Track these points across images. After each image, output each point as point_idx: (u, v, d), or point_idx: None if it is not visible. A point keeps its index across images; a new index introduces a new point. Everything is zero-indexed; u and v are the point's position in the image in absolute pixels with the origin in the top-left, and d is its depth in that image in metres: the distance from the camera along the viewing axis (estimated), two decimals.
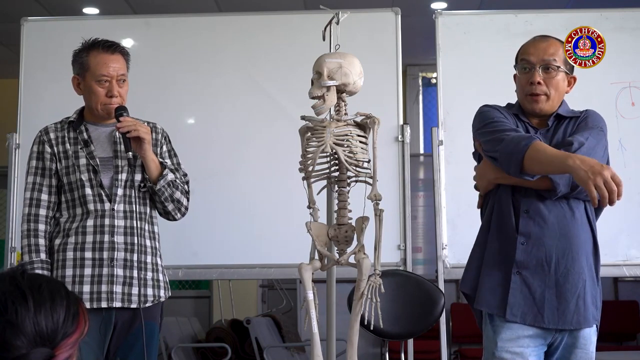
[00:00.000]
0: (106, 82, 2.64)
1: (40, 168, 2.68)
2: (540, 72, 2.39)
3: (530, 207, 2.34)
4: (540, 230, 2.32)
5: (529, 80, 2.40)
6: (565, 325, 2.31)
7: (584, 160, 2.14)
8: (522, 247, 2.32)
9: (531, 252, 2.32)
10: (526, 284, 2.31)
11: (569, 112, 2.44)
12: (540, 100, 2.40)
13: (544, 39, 2.46)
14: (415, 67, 7.68)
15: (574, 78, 2.46)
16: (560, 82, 2.41)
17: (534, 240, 2.32)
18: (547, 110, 2.41)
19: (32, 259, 2.59)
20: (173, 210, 2.72)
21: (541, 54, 2.41)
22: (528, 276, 2.31)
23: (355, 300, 2.36)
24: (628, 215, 3.75)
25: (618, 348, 6.82)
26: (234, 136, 3.92)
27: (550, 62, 2.39)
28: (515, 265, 2.32)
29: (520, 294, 2.31)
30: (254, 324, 5.31)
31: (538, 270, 2.31)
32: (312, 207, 2.46)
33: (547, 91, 2.39)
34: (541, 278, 2.31)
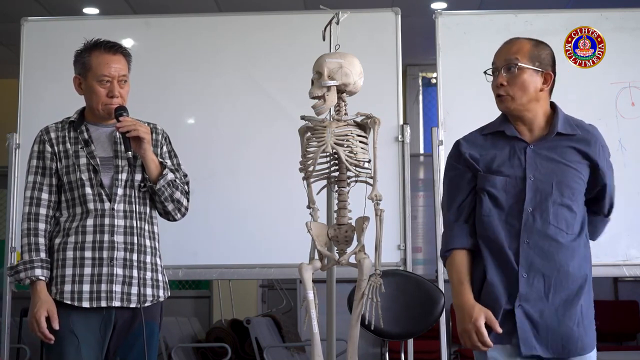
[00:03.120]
0: (107, 82, 2.64)
1: (40, 167, 2.69)
2: (504, 73, 2.34)
3: (531, 238, 2.30)
4: (541, 262, 2.29)
5: (494, 84, 2.38)
6: (570, 354, 2.29)
7: (461, 309, 2.31)
8: (524, 279, 2.29)
9: (533, 284, 2.29)
10: (528, 316, 2.28)
11: (567, 128, 2.36)
12: (504, 100, 2.35)
13: (509, 41, 2.41)
14: (415, 67, 7.68)
15: (550, 74, 2.36)
16: (528, 80, 2.32)
17: (534, 273, 2.29)
18: (520, 110, 2.34)
19: (31, 257, 2.59)
20: (173, 210, 2.72)
21: (504, 55, 2.37)
22: (529, 308, 2.28)
23: (355, 300, 2.36)
24: (628, 215, 3.75)
25: (618, 348, 6.82)
26: (234, 136, 3.92)
27: (511, 61, 2.33)
28: (518, 298, 2.28)
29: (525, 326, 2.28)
30: (254, 324, 5.31)
31: (538, 301, 2.29)
32: (312, 207, 2.46)
33: (510, 91, 2.33)
34: (542, 309, 2.28)
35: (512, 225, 2.31)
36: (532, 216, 2.30)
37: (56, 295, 2.58)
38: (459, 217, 2.40)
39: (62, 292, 2.57)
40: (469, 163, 2.39)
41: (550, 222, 2.30)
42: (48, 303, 2.55)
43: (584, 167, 2.35)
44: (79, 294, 2.57)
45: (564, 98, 2.58)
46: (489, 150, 2.38)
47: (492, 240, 2.33)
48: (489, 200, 2.34)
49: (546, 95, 2.39)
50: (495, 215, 2.33)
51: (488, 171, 2.36)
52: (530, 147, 2.35)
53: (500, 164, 2.35)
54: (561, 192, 2.31)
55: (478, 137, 2.44)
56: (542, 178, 2.31)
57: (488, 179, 2.35)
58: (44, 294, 2.57)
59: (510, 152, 2.36)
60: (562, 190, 2.31)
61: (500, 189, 2.33)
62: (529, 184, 2.31)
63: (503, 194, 2.33)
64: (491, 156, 2.37)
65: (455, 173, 2.43)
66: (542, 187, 2.31)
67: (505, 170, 2.34)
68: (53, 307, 2.55)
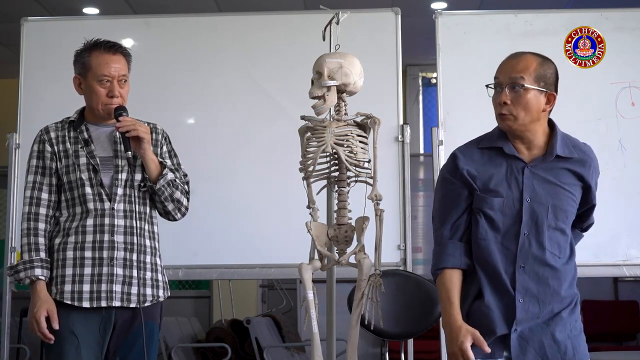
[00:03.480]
0: (107, 82, 2.64)
1: (40, 167, 2.68)
2: (507, 91, 2.27)
3: (526, 262, 2.28)
4: (536, 287, 2.28)
5: (497, 101, 2.31)
6: None
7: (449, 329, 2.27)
8: (520, 304, 2.27)
9: (528, 309, 2.28)
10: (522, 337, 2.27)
11: (565, 150, 2.32)
12: (506, 119, 2.29)
13: (515, 56, 2.33)
14: (415, 67, 7.68)
15: (553, 95, 2.30)
16: (532, 100, 2.25)
17: (530, 297, 2.28)
18: (521, 130, 2.30)
19: (31, 257, 2.59)
20: (173, 210, 2.72)
21: (509, 71, 2.29)
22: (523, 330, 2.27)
23: (355, 300, 2.37)
24: (628, 215, 3.75)
25: (618, 348, 6.83)
26: (234, 136, 3.92)
27: (516, 79, 2.26)
28: (515, 323, 2.27)
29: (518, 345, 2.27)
30: (254, 324, 5.31)
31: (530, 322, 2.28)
32: (312, 207, 2.46)
33: (514, 111, 2.27)
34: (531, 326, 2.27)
35: (509, 248, 2.29)
36: (527, 240, 2.28)
37: (56, 295, 2.58)
38: (453, 235, 2.36)
39: (62, 292, 2.57)
40: (465, 180, 2.33)
41: (546, 247, 2.28)
42: (48, 303, 2.55)
43: (577, 188, 2.33)
44: (79, 293, 2.57)
45: (564, 98, 2.58)
46: (487, 168, 2.33)
47: (488, 264, 2.30)
48: (485, 221, 2.31)
49: (546, 115, 2.34)
50: (491, 239, 2.30)
51: (485, 191, 2.31)
52: (527, 168, 2.31)
53: (498, 183, 2.31)
54: (556, 216, 2.29)
55: (475, 152, 2.37)
56: (538, 201, 2.29)
57: (485, 200, 2.30)
58: (44, 294, 2.57)
59: (507, 172, 2.32)
60: (557, 214, 2.29)
61: (497, 210, 2.30)
62: (525, 206, 2.28)
63: (500, 216, 2.30)
64: (488, 174, 2.32)
65: (451, 188, 2.37)
66: (538, 210, 2.28)
67: (502, 191, 2.30)
68: (53, 307, 2.55)
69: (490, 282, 2.30)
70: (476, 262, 2.33)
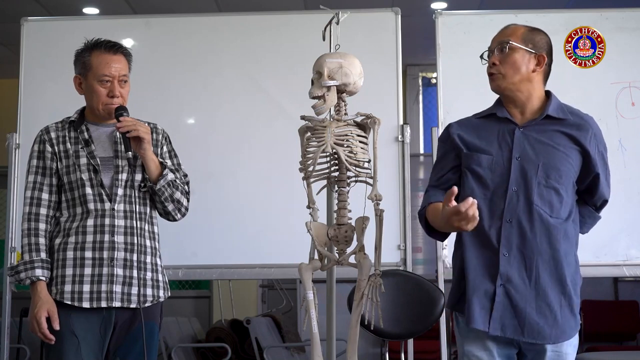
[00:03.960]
0: (108, 82, 2.64)
1: (40, 167, 2.68)
2: (496, 53, 2.38)
3: (513, 217, 2.31)
4: (522, 242, 2.30)
5: (488, 65, 2.42)
6: (544, 340, 2.29)
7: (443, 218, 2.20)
8: (504, 257, 2.30)
9: (513, 264, 2.29)
10: (509, 297, 2.29)
11: (558, 112, 2.38)
12: (495, 79, 2.38)
13: (505, 27, 2.45)
14: (415, 67, 7.68)
15: (543, 57, 2.37)
16: (519, 59, 2.35)
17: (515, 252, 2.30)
18: (511, 89, 2.37)
19: (32, 258, 2.59)
20: (173, 210, 2.72)
21: (498, 38, 2.42)
22: (511, 289, 2.29)
23: (355, 300, 2.37)
24: (628, 215, 3.75)
25: (618, 348, 6.83)
26: (233, 136, 3.92)
27: (503, 42, 2.37)
28: (499, 277, 2.29)
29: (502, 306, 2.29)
30: (254, 324, 5.32)
31: (520, 283, 2.29)
32: (312, 207, 2.46)
33: (502, 69, 2.36)
34: (522, 292, 2.28)
35: (497, 204, 2.32)
36: (516, 195, 2.31)
37: (56, 296, 2.58)
38: (438, 186, 2.44)
39: (62, 292, 2.57)
40: (454, 143, 2.43)
41: (534, 203, 2.30)
42: (49, 303, 2.55)
43: (573, 152, 2.34)
44: (79, 294, 2.57)
45: (564, 98, 2.58)
46: (479, 132, 2.42)
47: None
48: (473, 179, 2.36)
49: (540, 78, 2.40)
50: (478, 195, 2.33)
51: (474, 150, 2.38)
52: (519, 129, 2.37)
53: (488, 144, 2.38)
54: (547, 174, 2.31)
55: (471, 120, 2.49)
56: (528, 159, 2.32)
57: (473, 157, 2.37)
58: (45, 294, 2.57)
59: (499, 133, 2.38)
60: (548, 172, 2.31)
61: (485, 167, 2.35)
62: (514, 164, 2.33)
63: (489, 173, 2.35)
64: (480, 136, 2.40)
65: (441, 152, 2.49)
66: (527, 168, 2.32)
67: (492, 150, 2.36)
68: (53, 308, 2.55)
69: (474, 238, 2.33)
70: None
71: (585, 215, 2.45)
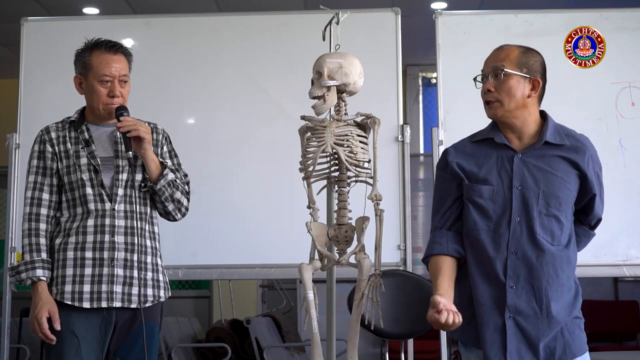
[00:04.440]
0: (108, 82, 2.64)
1: (41, 167, 2.68)
2: (491, 79, 2.33)
3: (519, 248, 2.28)
4: (529, 273, 2.28)
5: (482, 91, 2.37)
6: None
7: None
8: (512, 290, 2.27)
9: (521, 295, 2.27)
10: (520, 328, 2.27)
11: (556, 137, 2.34)
12: (492, 107, 2.34)
13: (497, 48, 2.40)
14: (415, 67, 7.68)
15: (538, 81, 2.33)
16: (514, 86, 2.30)
17: (523, 283, 2.27)
18: (508, 116, 2.33)
19: (32, 258, 2.59)
20: (173, 210, 2.72)
21: (491, 62, 2.36)
22: (521, 320, 2.27)
23: (355, 300, 2.37)
24: (628, 215, 3.75)
25: (618, 348, 6.83)
26: (233, 136, 3.92)
27: (497, 67, 2.32)
28: (507, 310, 2.27)
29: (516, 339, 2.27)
30: (254, 324, 5.32)
31: (530, 314, 2.27)
32: (312, 207, 2.46)
33: (499, 97, 2.32)
34: (534, 322, 2.26)
35: (501, 235, 2.29)
36: (519, 226, 2.29)
37: (57, 296, 2.58)
38: (443, 225, 2.39)
39: (63, 292, 2.57)
40: (454, 172, 2.38)
41: (537, 233, 2.28)
42: (50, 304, 2.55)
43: (572, 176, 2.32)
44: (79, 294, 2.57)
45: (564, 98, 2.59)
46: (477, 159, 2.37)
47: (480, 253, 2.31)
48: (475, 211, 2.32)
49: (535, 102, 2.36)
50: (482, 228, 2.31)
51: (474, 180, 2.34)
52: (518, 156, 2.33)
53: (488, 172, 2.33)
54: (547, 202, 2.29)
55: (467, 145, 2.43)
56: (528, 187, 2.29)
57: (474, 189, 2.33)
58: (45, 295, 2.57)
59: (497, 161, 2.34)
60: (549, 200, 2.29)
61: (487, 198, 2.31)
62: (515, 193, 2.29)
63: (490, 204, 2.31)
64: (478, 164, 2.35)
65: (442, 181, 2.43)
66: (528, 197, 2.29)
67: (491, 179, 2.32)
68: (55, 308, 2.55)
69: (480, 270, 2.31)
70: (468, 254, 2.34)
71: (581, 234, 2.43)
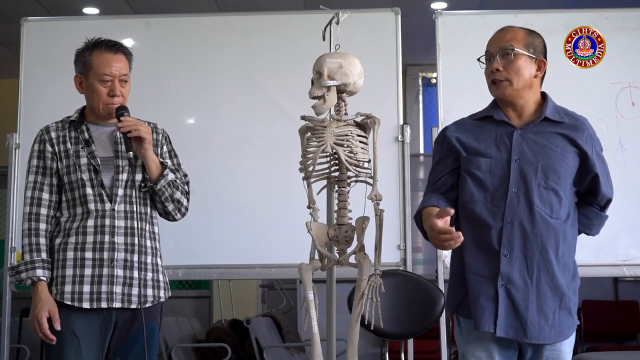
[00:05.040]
0: (108, 81, 2.64)
1: (41, 167, 2.68)
2: (499, 58, 2.37)
3: (515, 218, 2.31)
4: (524, 243, 2.30)
5: (489, 70, 2.41)
6: (545, 340, 2.30)
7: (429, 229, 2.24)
8: (505, 259, 2.30)
9: (514, 265, 2.30)
10: (510, 298, 2.30)
11: (555, 115, 2.39)
12: (502, 86, 2.38)
13: (502, 29, 2.45)
14: (415, 67, 7.68)
15: (543, 62, 2.40)
16: (523, 66, 2.36)
17: (517, 253, 2.30)
18: (514, 95, 2.38)
19: (32, 258, 2.59)
20: (173, 210, 2.72)
21: (498, 42, 2.40)
22: (513, 290, 2.29)
23: (355, 300, 2.36)
24: (628, 215, 3.75)
25: (618, 348, 6.83)
26: (234, 136, 3.92)
27: (506, 47, 2.36)
28: (500, 277, 2.30)
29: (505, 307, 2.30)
30: (254, 324, 5.31)
31: (522, 284, 2.29)
32: (312, 207, 2.46)
33: (508, 76, 2.36)
34: (524, 293, 2.29)
35: (498, 206, 2.33)
36: (516, 197, 2.32)
37: (57, 296, 2.57)
38: (435, 190, 2.45)
39: (63, 292, 2.57)
40: (452, 146, 2.44)
41: (535, 204, 2.31)
42: (50, 304, 2.55)
43: (570, 153, 2.36)
44: (79, 294, 2.57)
45: (564, 98, 2.59)
46: (477, 134, 2.42)
47: (474, 223, 2.35)
48: (472, 183, 2.37)
49: (538, 82, 2.43)
50: (479, 199, 2.35)
51: (473, 153, 2.39)
52: (517, 131, 2.38)
53: (486, 146, 2.39)
54: (546, 175, 2.32)
55: (467, 122, 2.50)
56: (527, 161, 2.34)
57: (472, 161, 2.38)
58: (45, 294, 2.56)
59: (497, 136, 2.39)
60: (547, 174, 2.32)
61: (485, 170, 2.36)
62: (513, 166, 2.34)
63: (488, 176, 2.35)
64: (478, 139, 2.41)
65: (438, 155, 2.49)
66: (526, 170, 2.33)
67: (490, 153, 2.37)
68: (55, 308, 2.55)
69: (476, 241, 2.34)
70: (463, 227, 2.36)
71: (592, 217, 2.46)
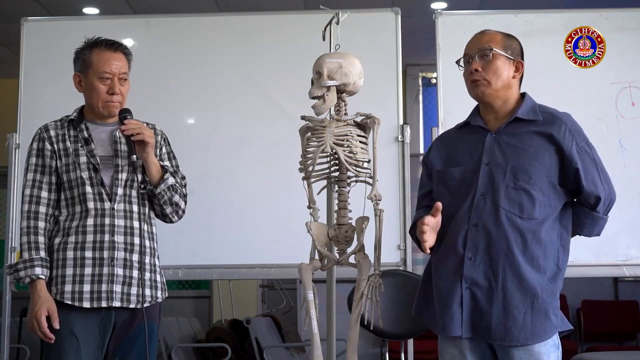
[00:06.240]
0: (108, 79, 2.65)
1: (40, 165, 2.68)
2: (478, 59, 2.39)
3: (480, 220, 2.30)
4: (488, 245, 2.29)
5: (467, 72, 2.42)
6: (511, 342, 2.26)
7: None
8: (469, 262, 2.29)
9: (479, 267, 2.29)
10: (475, 300, 2.29)
11: (529, 114, 2.37)
12: (479, 85, 2.38)
13: (480, 32, 2.47)
14: (415, 67, 7.68)
15: (521, 63, 2.42)
16: (501, 66, 2.37)
17: (482, 255, 2.29)
18: (493, 95, 2.38)
19: (31, 256, 2.58)
20: (171, 213, 2.72)
21: (476, 44, 2.42)
22: (477, 291, 2.28)
23: (355, 300, 2.37)
24: (628, 215, 3.75)
25: (618, 348, 6.83)
26: (234, 136, 3.92)
27: (485, 48, 2.38)
28: (464, 280, 2.29)
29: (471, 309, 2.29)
30: (254, 324, 5.31)
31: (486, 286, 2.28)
32: (312, 207, 2.46)
33: (487, 76, 2.37)
34: (489, 295, 2.27)
35: (464, 209, 2.32)
36: (483, 200, 2.31)
37: (56, 296, 2.57)
38: (424, 207, 2.47)
39: (62, 292, 2.57)
40: (429, 168, 2.48)
41: (501, 206, 2.29)
42: (48, 302, 2.55)
43: (547, 151, 2.32)
44: (79, 294, 2.56)
45: (564, 98, 2.59)
46: (457, 144, 2.44)
47: (443, 229, 2.34)
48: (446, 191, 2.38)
49: (517, 83, 2.43)
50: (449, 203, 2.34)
51: (446, 165, 2.42)
52: (490, 135, 2.38)
53: (462, 154, 2.40)
54: (515, 176, 2.30)
55: (450, 133, 2.53)
56: (496, 164, 2.33)
57: (445, 174, 2.41)
58: (44, 293, 2.56)
59: (471, 143, 2.40)
60: (517, 174, 2.30)
61: (456, 179, 2.37)
62: (483, 169, 2.33)
63: (460, 184, 2.36)
64: (457, 148, 2.43)
65: (422, 177, 2.54)
66: (495, 172, 2.32)
67: (463, 161, 2.38)
68: (53, 307, 2.55)
69: (444, 246, 2.34)
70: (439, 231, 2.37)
71: (582, 216, 2.39)
